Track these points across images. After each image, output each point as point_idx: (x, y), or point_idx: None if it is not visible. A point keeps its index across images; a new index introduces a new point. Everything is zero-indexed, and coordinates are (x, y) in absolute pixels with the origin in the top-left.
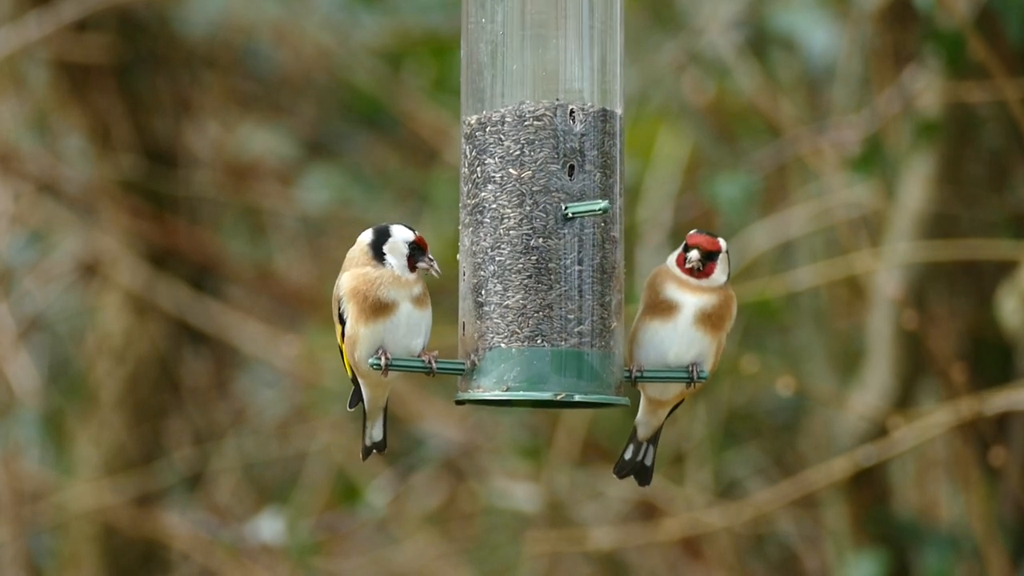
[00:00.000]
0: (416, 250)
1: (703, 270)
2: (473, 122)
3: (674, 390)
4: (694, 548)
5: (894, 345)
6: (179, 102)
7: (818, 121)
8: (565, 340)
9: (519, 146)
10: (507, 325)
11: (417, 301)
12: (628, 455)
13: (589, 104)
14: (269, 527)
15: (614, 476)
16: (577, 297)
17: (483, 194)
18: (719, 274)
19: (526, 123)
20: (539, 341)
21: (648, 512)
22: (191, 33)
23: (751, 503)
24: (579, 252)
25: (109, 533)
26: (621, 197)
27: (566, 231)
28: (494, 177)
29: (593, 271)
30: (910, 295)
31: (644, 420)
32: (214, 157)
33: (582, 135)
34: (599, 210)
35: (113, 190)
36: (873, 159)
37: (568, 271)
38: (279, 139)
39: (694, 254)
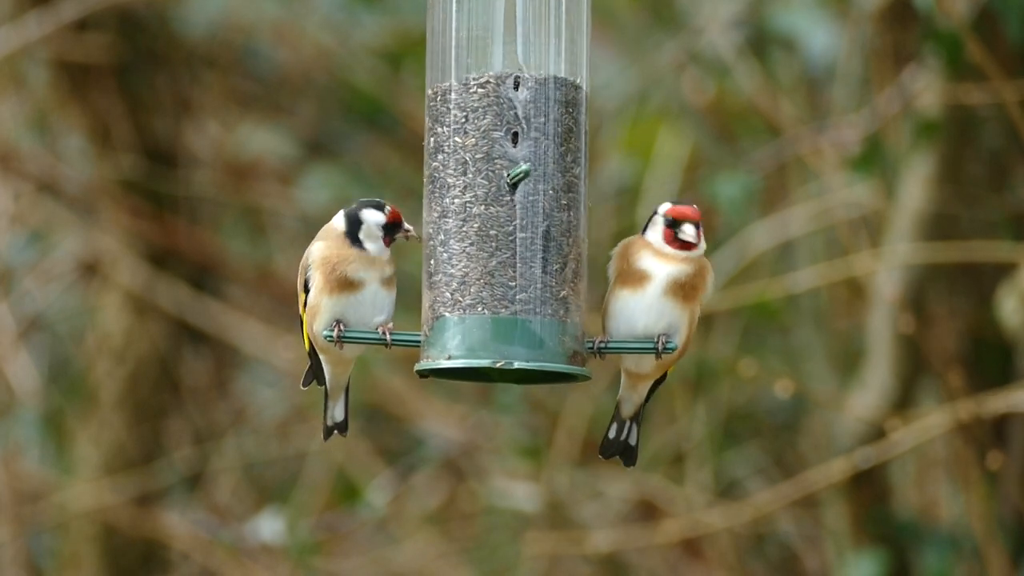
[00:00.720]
0: (391, 228)
1: (682, 243)
2: (430, 92)
3: (649, 363)
4: (694, 548)
5: (894, 345)
6: (179, 102)
7: (818, 121)
8: (506, 308)
9: (464, 114)
10: (451, 294)
11: (386, 282)
12: (612, 434)
13: (540, 72)
14: (269, 527)
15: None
16: (519, 264)
17: (434, 164)
18: (703, 243)
19: (471, 90)
20: (480, 309)
21: (648, 512)
22: (191, 33)
23: (751, 503)
24: (522, 219)
25: (109, 533)
26: (581, 167)
27: (508, 198)
28: (443, 146)
29: (537, 239)
30: (910, 295)
31: (626, 396)
32: (214, 157)
33: (528, 102)
34: (520, 173)
35: (113, 190)
36: (873, 159)
37: (509, 238)
38: (279, 139)
39: (689, 227)
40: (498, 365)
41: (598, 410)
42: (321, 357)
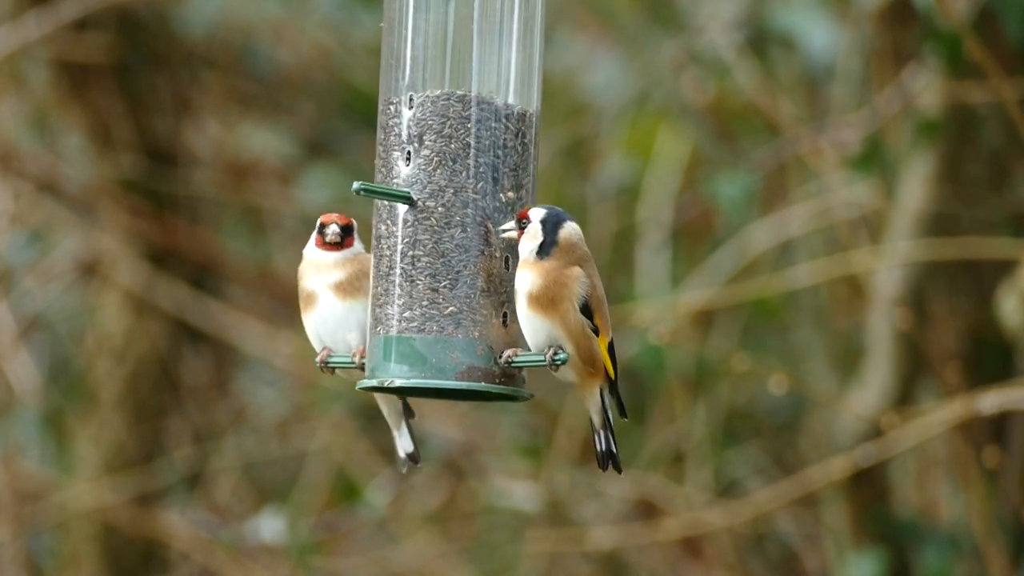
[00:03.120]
0: (320, 228)
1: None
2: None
3: (567, 373)
4: (694, 547)
5: (894, 344)
6: (179, 101)
7: (818, 120)
8: (393, 327)
9: (381, 134)
10: (367, 315)
11: (338, 289)
12: (598, 446)
13: (432, 90)
14: (269, 526)
15: (625, 476)
16: (407, 284)
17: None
18: (524, 243)
19: (383, 111)
20: (378, 329)
21: (648, 511)
22: (191, 32)
23: (751, 502)
24: (411, 238)
25: (109, 532)
26: (485, 182)
27: (403, 218)
28: (375, 166)
29: (424, 256)
30: (910, 294)
31: (587, 407)
32: (214, 156)
33: (420, 120)
34: (401, 197)
35: (113, 189)
36: (873, 158)
37: (403, 258)
38: (279, 138)
39: (511, 223)
40: (385, 384)
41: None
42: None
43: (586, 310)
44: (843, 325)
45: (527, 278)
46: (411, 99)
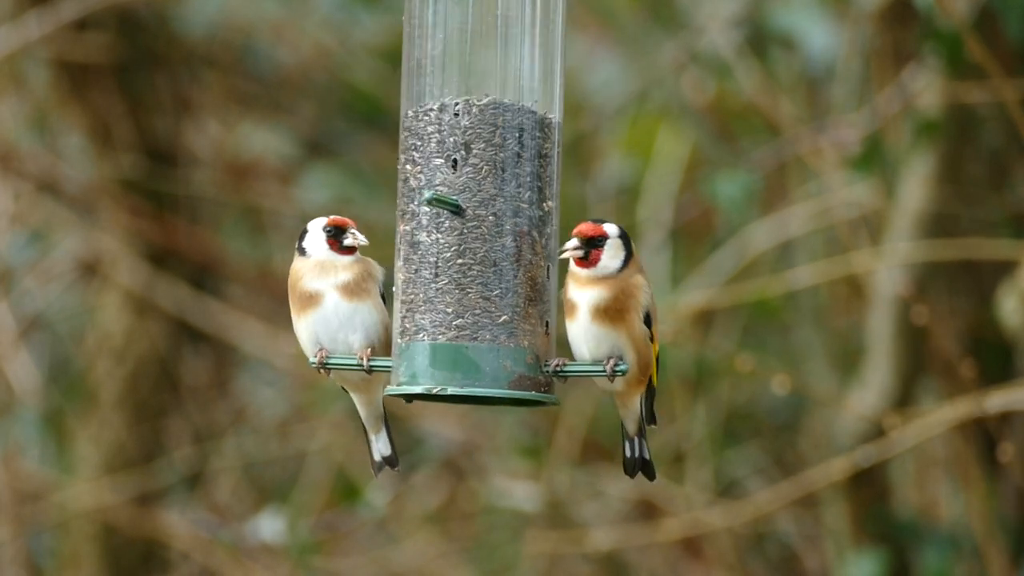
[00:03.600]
0: (334, 231)
1: (587, 259)
2: (401, 118)
3: (617, 384)
4: (694, 547)
5: (894, 344)
6: (179, 101)
7: (818, 120)
8: (443, 334)
9: (415, 141)
10: (401, 320)
11: (345, 290)
12: (627, 452)
13: (482, 99)
14: (269, 526)
15: (626, 477)
16: (456, 291)
17: (398, 190)
18: (608, 260)
19: (419, 117)
20: (420, 336)
21: (648, 512)
22: (191, 32)
23: (751, 502)
24: (461, 246)
25: (109, 532)
26: (533, 191)
27: (449, 225)
28: (400, 173)
29: (475, 264)
30: (910, 294)
31: (622, 415)
32: (214, 156)
33: (468, 128)
34: (433, 197)
35: (113, 189)
36: (873, 158)
37: (448, 264)
38: (279, 138)
39: (572, 242)
40: (434, 391)
41: (598, 410)
42: (344, 387)
43: (647, 319)
44: (843, 325)
45: (592, 291)
46: (456, 105)
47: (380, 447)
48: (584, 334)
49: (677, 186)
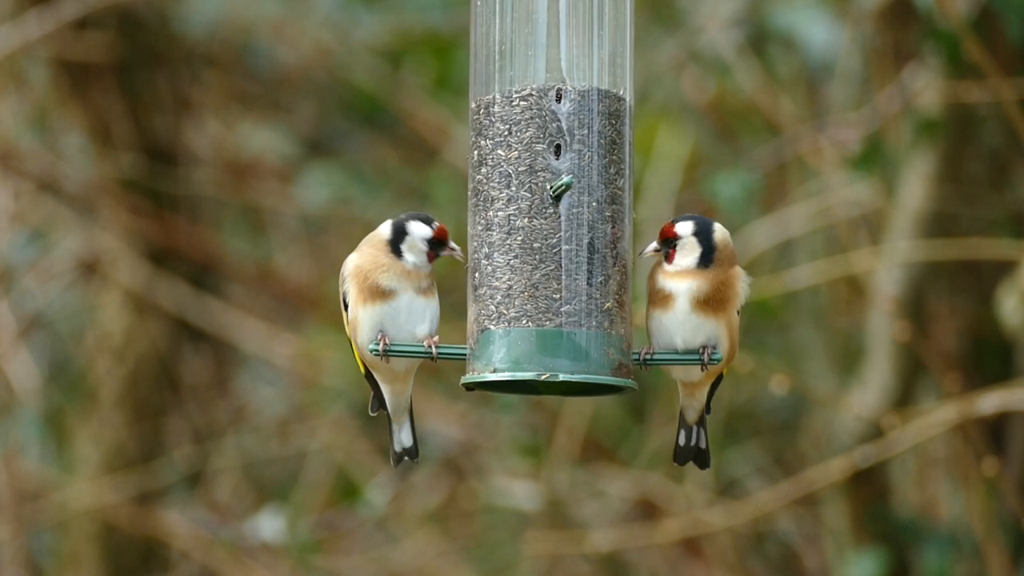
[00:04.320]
0: (436, 244)
1: (667, 258)
2: (474, 106)
3: (696, 372)
4: (694, 547)
5: (894, 344)
6: (179, 100)
7: (818, 119)
8: (550, 320)
9: (506, 127)
10: (496, 307)
11: (422, 291)
12: (681, 441)
13: (582, 84)
14: (269, 525)
15: (675, 465)
16: (563, 277)
17: (479, 177)
18: (681, 259)
19: (513, 103)
20: (524, 321)
21: (648, 511)
22: (191, 31)
23: (751, 502)
24: (566, 231)
25: (109, 531)
26: (625, 179)
27: (552, 211)
28: (486, 160)
29: (581, 251)
30: (910, 294)
31: (686, 404)
32: (214, 155)
33: (570, 114)
34: (562, 185)
35: (113, 188)
36: (873, 157)
37: (553, 250)
38: (279, 137)
39: (652, 244)
40: (543, 378)
41: (598, 409)
42: (376, 377)
43: (739, 310)
44: (843, 325)
45: (690, 281)
46: (559, 92)
47: (403, 438)
48: (681, 323)
49: (677, 185)
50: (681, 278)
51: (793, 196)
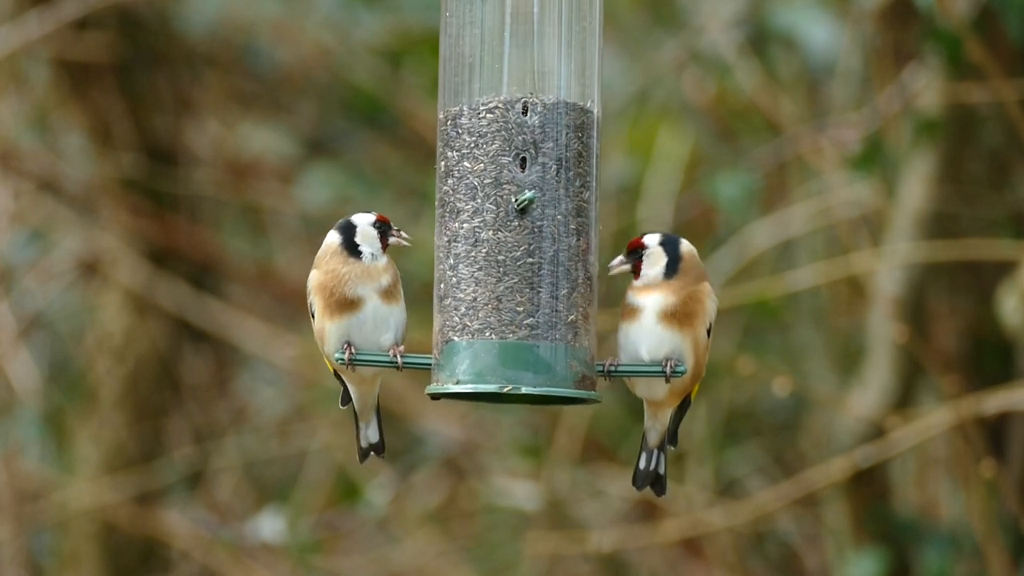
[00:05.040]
0: (383, 228)
1: (634, 271)
2: (442, 116)
3: (660, 389)
4: (694, 547)
5: (894, 344)
6: (179, 100)
7: (818, 119)
8: (514, 333)
9: (473, 138)
10: (460, 318)
11: (385, 294)
12: (641, 464)
13: (549, 97)
14: (269, 525)
15: (633, 488)
16: (527, 290)
17: (445, 188)
18: (647, 269)
19: (480, 115)
20: (488, 334)
21: (648, 511)
22: (191, 31)
23: (751, 502)
24: (531, 244)
25: (109, 531)
26: (591, 191)
27: (517, 223)
28: (453, 171)
29: (546, 263)
30: (910, 294)
31: (649, 425)
32: (214, 155)
33: (536, 127)
34: (526, 200)
35: (113, 188)
36: (873, 157)
37: (518, 263)
38: (279, 137)
39: (618, 258)
40: (505, 390)
41: (598, 409)
42: (343, 378)
43: (709, 329)
44: (843, 325)
45: (657, 295)
46: (523, 104)
47: (369, 434)
48: (647, 335)
49: (677, 185)
50: (648, 291)
51: (793, 196)
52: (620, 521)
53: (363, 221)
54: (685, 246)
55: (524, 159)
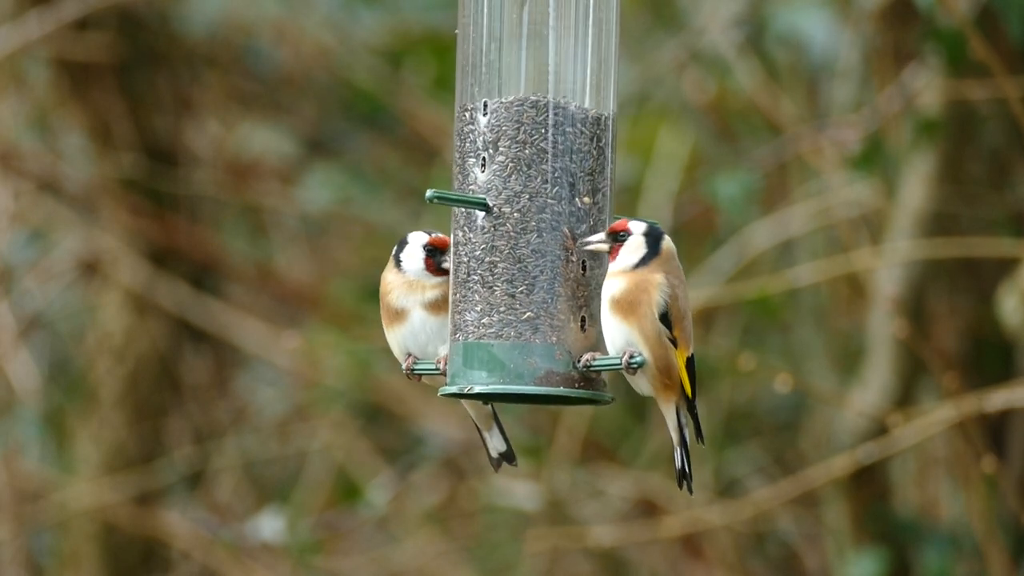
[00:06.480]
0: (433, 251)
1: (610, 252)
2: (458, 114)
3: (642, 384)
4: (694, 546)
5: (894, 343)
6: (180, 101)
7: (818, 119)
8: (473, 333)
9: (457, 141)
10: (451, 322)
11: (431, 307)
12: (677, 463)
13: (509, 98)
14: (269, 525)
15: (677, 488)
16: (483, 289)
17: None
18: (624, 256)
19: (459, 116)
20: (457, 335)
21: (648, 510)
22: (192, 32)
23: (751, 501)
24: (485, 244)
25: (109, 531)
26: (559, 187)
27: (477, 223)
28: (452, 172)
29: (501, 262)
30: (910, 294)
31: (667, 422)
32: (214, 156)
33: (491, 127)
34: (476, 203)
35: (113, 188)
36: (873, 157)
37: (478, 263)
38: (279, 138)
39: (598, 235)
40: (466, 390)
41: (599, 409)
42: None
43: (665, 319)
44: (843, 324)
45: (615, 284)
46: (485, 105)
47: (495, 444)
48: (605, 325)
49: (677, 185)
50: (613, 278)
51: (793, 196)
52: (620, 520)
53: (416, 240)
54: (666, 242)
55: (484, 160)
